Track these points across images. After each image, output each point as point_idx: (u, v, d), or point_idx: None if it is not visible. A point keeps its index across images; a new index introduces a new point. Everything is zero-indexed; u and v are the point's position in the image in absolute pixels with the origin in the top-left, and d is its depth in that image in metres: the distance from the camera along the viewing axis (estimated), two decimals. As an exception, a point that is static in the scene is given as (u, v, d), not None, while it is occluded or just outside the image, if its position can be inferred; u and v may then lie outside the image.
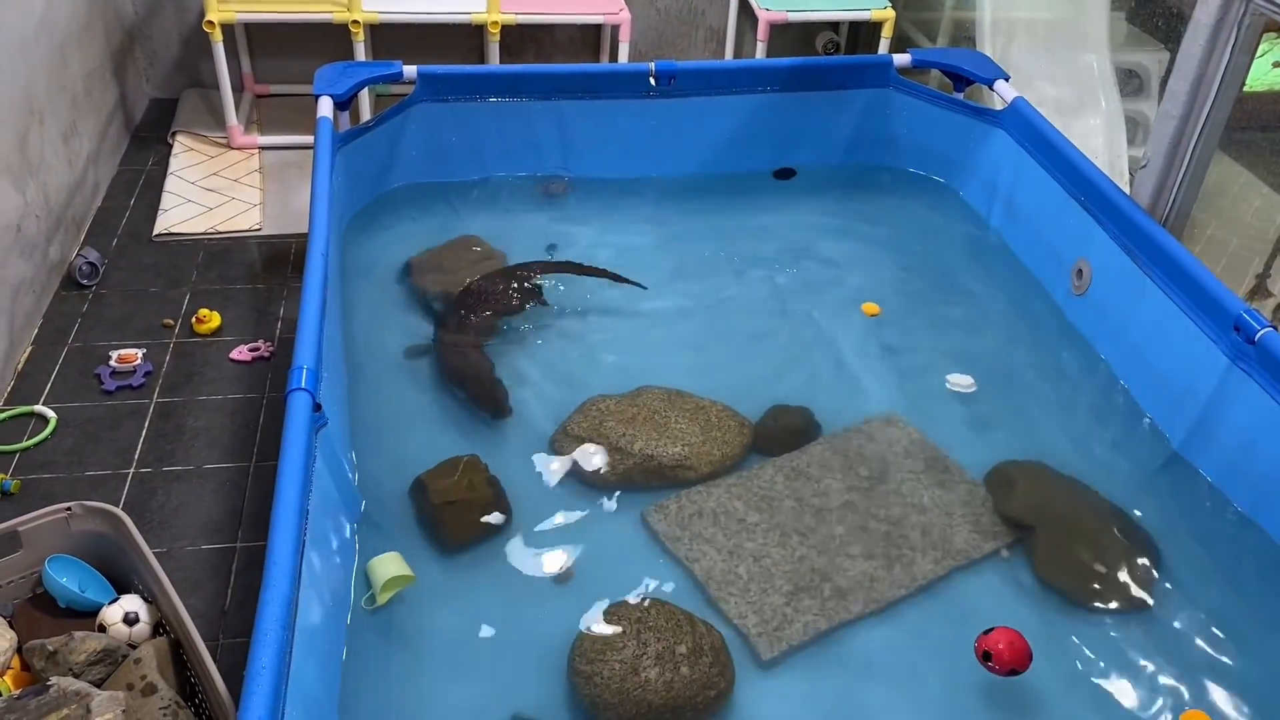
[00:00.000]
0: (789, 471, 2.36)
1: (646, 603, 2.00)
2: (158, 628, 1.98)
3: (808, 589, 2.09)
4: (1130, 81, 3.84)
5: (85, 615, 2.00)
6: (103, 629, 1.94)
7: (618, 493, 2.29)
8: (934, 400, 2.59)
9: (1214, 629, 2.05)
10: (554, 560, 2.14)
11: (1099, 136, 3.44)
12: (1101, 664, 1.98)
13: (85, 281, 3.07)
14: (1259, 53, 2.78)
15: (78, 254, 3.13)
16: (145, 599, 2.00)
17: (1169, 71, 2.58)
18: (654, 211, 3.29)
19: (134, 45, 4.05)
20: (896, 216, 3.32)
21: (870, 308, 2.89)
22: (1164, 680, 1.95)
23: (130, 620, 1.95)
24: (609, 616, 1.97)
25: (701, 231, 3.20)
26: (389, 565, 2.04)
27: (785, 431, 2.47)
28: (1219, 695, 1.93)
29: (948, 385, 2.63)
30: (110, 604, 1.98)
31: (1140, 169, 2.65)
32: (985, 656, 1.91)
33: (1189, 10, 2.47)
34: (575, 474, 2.32)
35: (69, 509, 2.04)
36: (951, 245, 3.20)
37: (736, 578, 2.11)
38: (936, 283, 3.03)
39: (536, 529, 2.20)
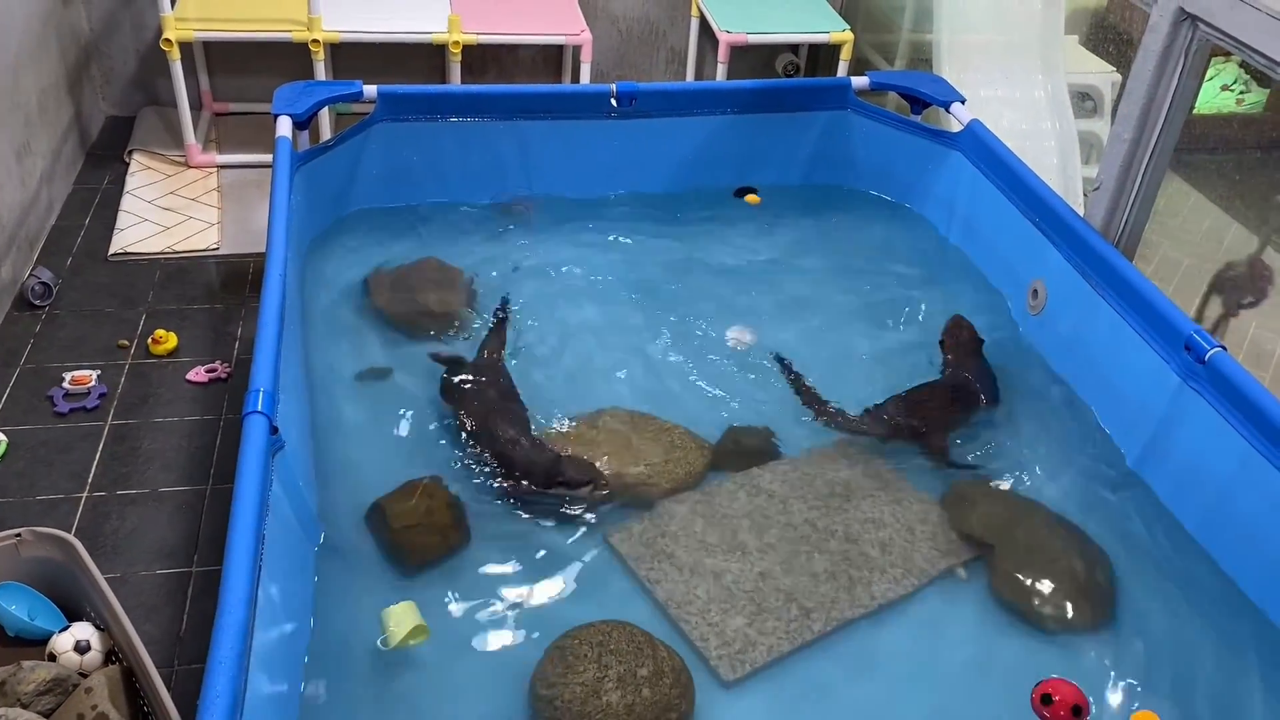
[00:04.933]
0: (750, 489, 2.37)
1: (608, 625, 2.00)
2: (110, 656, 1.94)
3: (770, 610, 2.09)
4: (1084, 103, 3.91)
5: (35, 644, 1.96)
6: (53, 658, 1.91)
7: (579, 515, 2.29)
8: (893, 419, 2.61)
9: (1165, 646, 2.08)
10: (515, 583, 2.13)
11: (1053, 158, 3.50)
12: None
13: (38, 302, 3.02)
14: (1207, 77, 2.84)
15: (30, 274, 3.09)
16: (97, 626, 1.96)
17: (1121, 94, 2.63)
18: (616, 232, 3.30)
19: (90, 62, 4.00)
20: (856, 236, 3.35)
21: (752, 198, 3.10)
22: (1116, 695, 1.97)
23: (81, 648, 1.91)
24: (570, 639, 1.96)
25: (663, 252, 3.21)
26: (408, 616, 1.98)
27: (746, 452, 2.48)
28: (1168, 709, 1.95)
29: (727, 340, 2.71)
30: (61, 632, 1.94)
31: (1093, 190, 2.70)
32: (1044, 700, 1.93)
33: (1139, 35, 2.52)
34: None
35: (19, 535, 2.00)
36: (910, 265, 3.23)
37: (698, 599, 2.11)
38: (896, 301, 3.06)
39: (497, 551, 2.19)
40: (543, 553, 2.19)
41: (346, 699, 1.90)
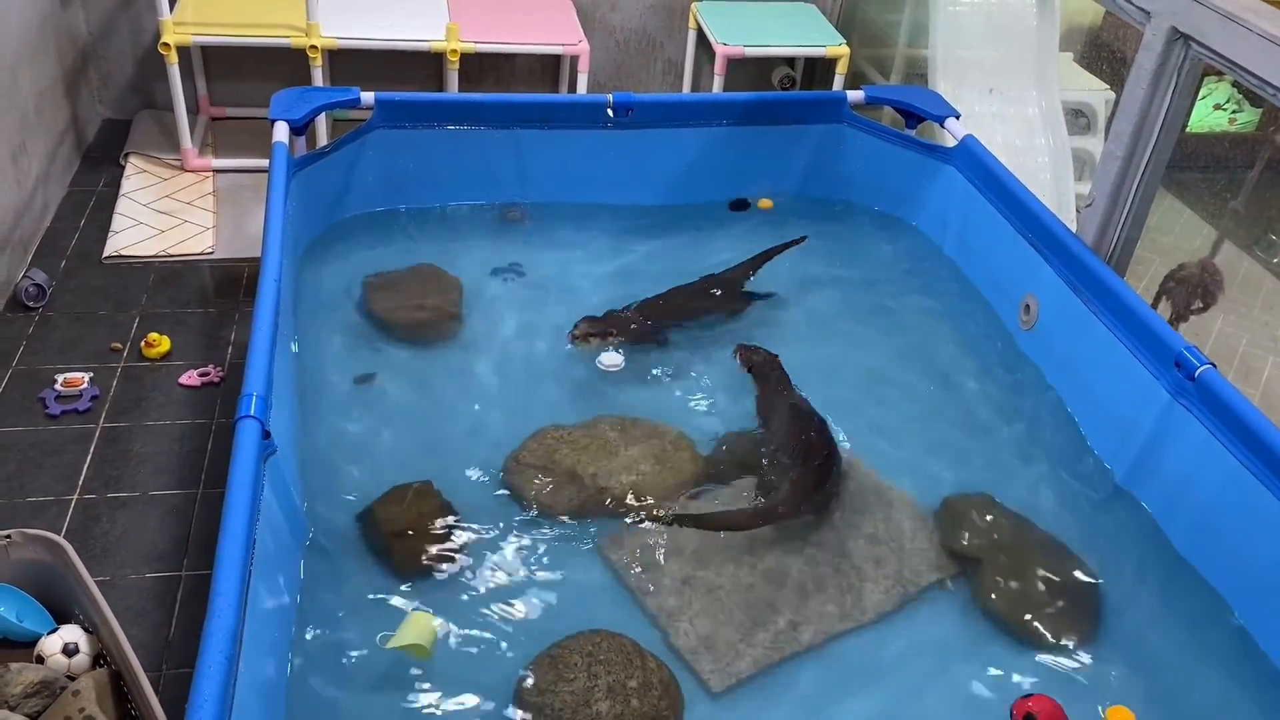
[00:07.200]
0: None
1: (598, 635, 2.00)
2: (98, 659, 1.94)
3: (760, 622, 2.10)
4: (1077, 120, 3.94)
5: (22, 646, 1.96)
6: (41, 660, 1.90)
7: (571, 522, 2.29)
8: (884, 433, 2.62)
9: (1149, 661, 2.08)
10: (506, 590, 2.13)
11: (1046, 174, 3.52)
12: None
13: (31, 303, 3.02)
14: (1200, 96, 2.86)
15: (24, 275, 3.08)
16: (86, 629, 1.96)
17: (1114, 112, 2.65)
18: (610, 240, 3.31)
19: (87, 65, 4.01)
20: (850, 250, 3.36)
21: (765, 203, 3.23)
22: (1100, 711, 1.98)
23: (70, 651, 1.91)
24: (561, 649, 1.96)
25: (657, 261, 3.21)
26: (420, 629, 1.98)
27: (738, 461, 2.48)
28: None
29: (599, 365, 2.72)
30: (49, 634, 1.93)
31: (1086, 207, 2.71)
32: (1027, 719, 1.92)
33: (1133, 54, 2.54)
34: (528, 503, 2.31)
35: (8, 537, 1.99)
36: (905, 279, 3.24)
37: (689, 609, 2.11)
38: (890, 315, 3.07)
39: (488, 558, 2.19)
40: (534, 560, 2.19)
41: (334, 705, 1.90)
